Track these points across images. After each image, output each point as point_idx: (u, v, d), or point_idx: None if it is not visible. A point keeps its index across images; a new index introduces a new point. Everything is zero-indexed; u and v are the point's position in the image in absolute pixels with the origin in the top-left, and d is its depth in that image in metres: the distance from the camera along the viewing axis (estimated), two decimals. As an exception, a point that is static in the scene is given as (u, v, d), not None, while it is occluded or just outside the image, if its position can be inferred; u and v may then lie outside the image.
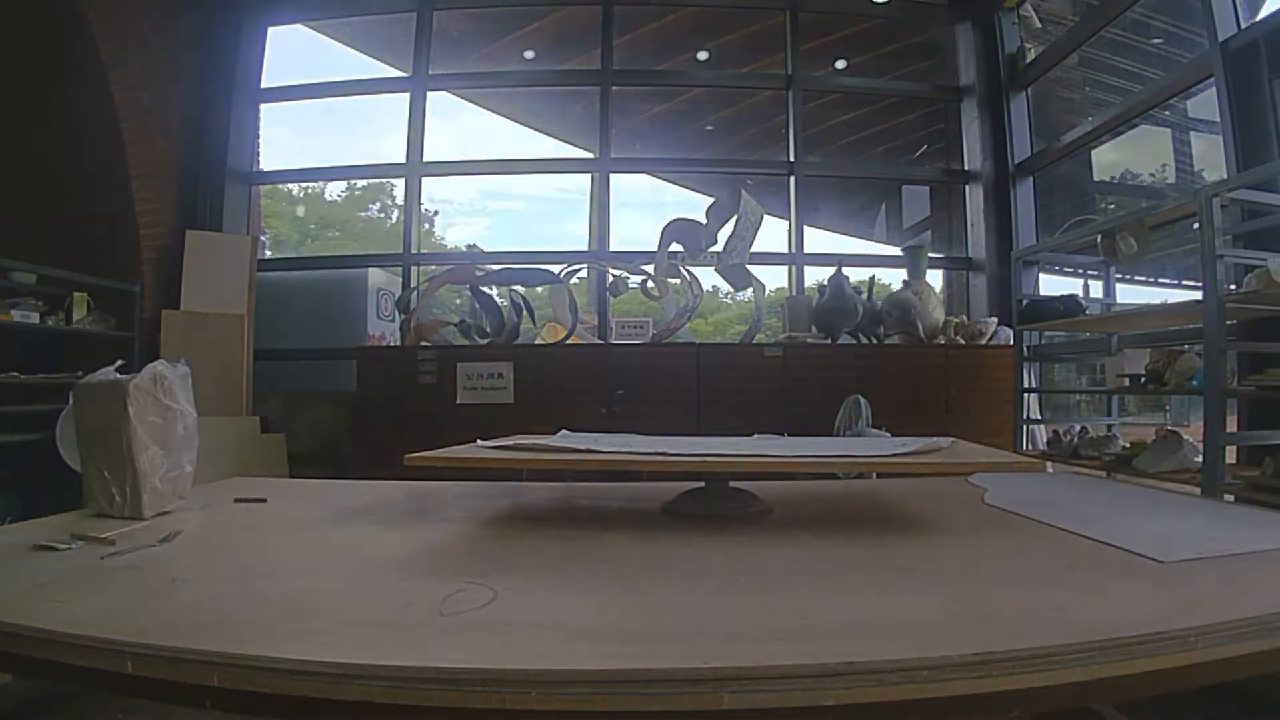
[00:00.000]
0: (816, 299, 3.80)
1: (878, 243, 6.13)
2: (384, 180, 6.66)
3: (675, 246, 3.79)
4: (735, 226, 3.62)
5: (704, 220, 3.72)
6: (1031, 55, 4.45)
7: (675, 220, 3.81)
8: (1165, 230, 2.90)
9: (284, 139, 4.95)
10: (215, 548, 1.02)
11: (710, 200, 3.80)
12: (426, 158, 4.58)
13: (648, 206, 5.69)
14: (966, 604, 0.76)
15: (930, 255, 4.18)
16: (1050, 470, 3.20)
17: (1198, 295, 2.32)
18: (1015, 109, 4.49)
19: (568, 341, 3.68)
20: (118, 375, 1.20)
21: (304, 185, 6.21)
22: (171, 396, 1.23)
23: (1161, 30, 3.91)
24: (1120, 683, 0.63)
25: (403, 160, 4.55)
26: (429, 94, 4.60)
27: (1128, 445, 2.82)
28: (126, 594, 0.81)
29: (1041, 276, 3.90)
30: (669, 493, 1.31)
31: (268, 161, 4.82)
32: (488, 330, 3.66)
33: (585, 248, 4.64)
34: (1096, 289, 3.33)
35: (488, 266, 4.00)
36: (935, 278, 4.47)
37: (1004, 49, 4.54)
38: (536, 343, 3.84)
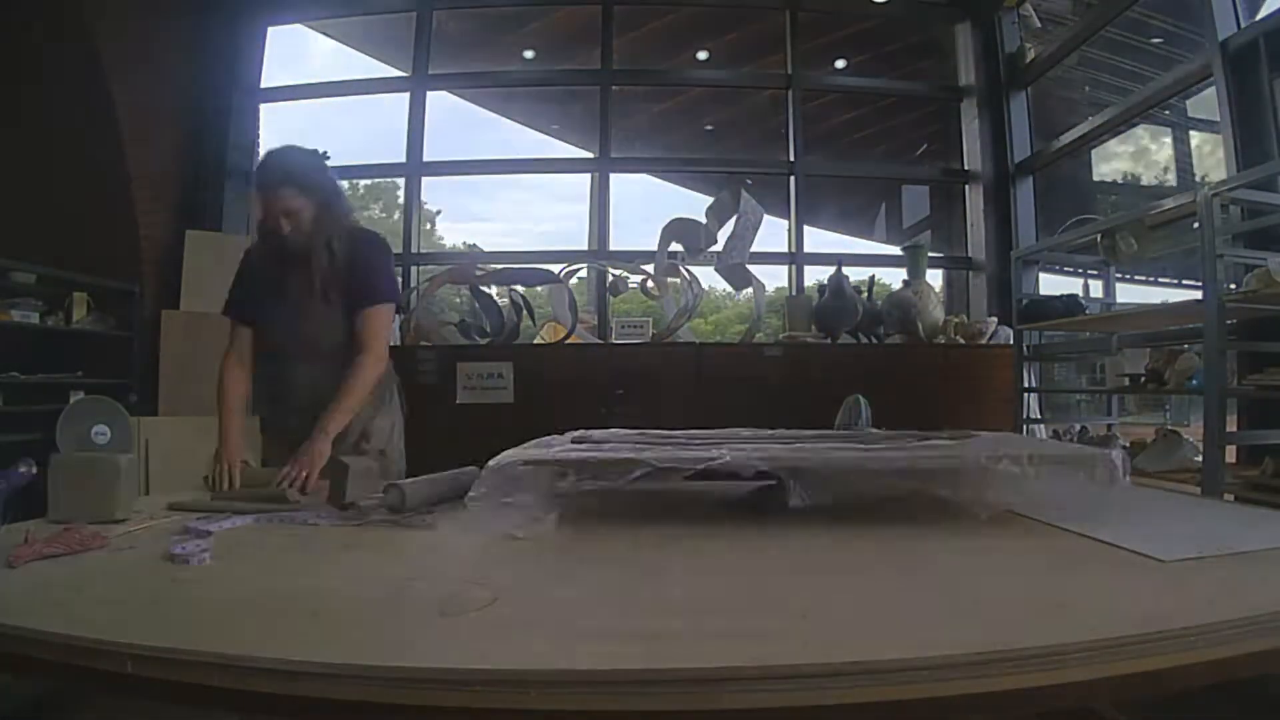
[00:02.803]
0: (816, 299, 3.79)
1: (878, 242, 6.13)
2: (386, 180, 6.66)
3: (675, 246, 3.79)
4: (735, 226, 3.62)
5: (704, 220, 3.72)
6: (1031, 55, 4.45)
7: (675, 220, 3.81)
8: (1165, 230, 2.90)
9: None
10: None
11: (710, 200, 3.81)
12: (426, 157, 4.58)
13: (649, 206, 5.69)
14: (967, 603, 0.76)
15: (930, 255, 4.18)
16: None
17: (1198, 295, 2.32)
18: (1015, 109, 4.49)
19: (568, 341, 3.68)
20: None
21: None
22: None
23: (1161, 30, 3.91)
24: (1120, 683, 0.63)
25: (403, 160, 4.56)
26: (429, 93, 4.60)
27: (1128, 445, 2.82)
28: (126, 594, 0.81)
29: (1041, 276, 3.90)
30: (675, 490, 1.30)
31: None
32: (488, 330, 3.66)
33: (585, 247, 4.64)
34: (1096, 289, 3.33)
35: (488, 266, 4.00)
36: (935, 277, 4.47)
37: (1004, 49, 4.54)
38: (536, 343, 3.84)
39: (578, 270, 4.09)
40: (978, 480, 1.10)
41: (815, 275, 4.43)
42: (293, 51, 4.92)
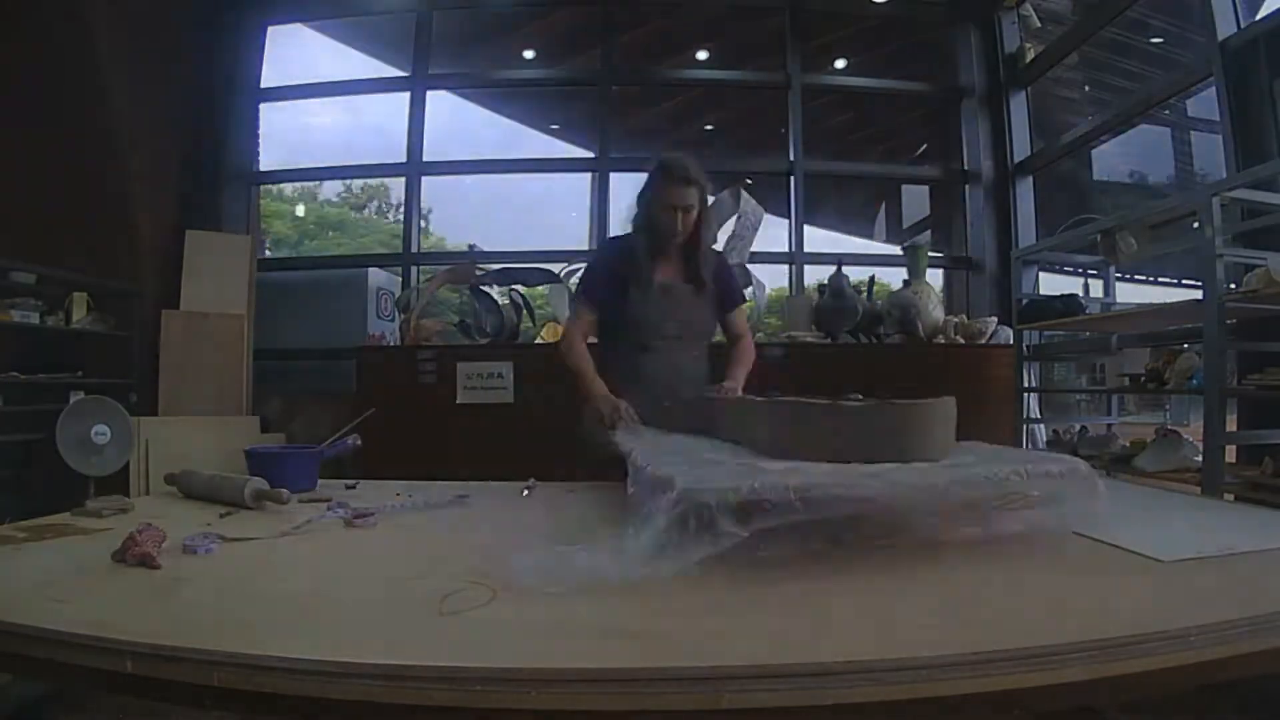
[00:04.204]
0: (816, 299, 3.79)
1: (878, 242, 6.13)
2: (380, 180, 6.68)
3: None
4: (735, 226, 3.62)
5: (704, 220, 3.72)
6: (1031, 55, 4.45)
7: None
8: (1165, 229, 2.90)
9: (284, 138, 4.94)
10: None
11: (710, 200, 3.80)
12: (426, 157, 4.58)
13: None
14: (966, 603, 0.76)
15: (930, 255, 4.18)
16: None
17: (1198, 295, 2.32)
18: (1015, 109, 4.49)
19: (568, 341, 3.67)
20: None
21: (303, 185, 6.21)
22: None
23: (1161, 30, 3.91)
24: (1120, 682, 0.63)
25: (403, 159, 4.56)
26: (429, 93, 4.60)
27: (1128, 444, 2.82)
28: (127, 593, 0.81)
29: (1041, 276, 3.90)
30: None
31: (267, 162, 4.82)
32: (488, 330, 3.66)
33: (585, 247, 4.64)
34: (1096, 288, 3.33)
35: (488, 266, 4.00)
36: (935, 277, 4.46)
37: (1004, 49, 4.54)
38: (537, 343, 3.84)
39: (578, 270, 4.09)
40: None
41: (815, 275, 4.43)
42: (293, 51, 4.92)
